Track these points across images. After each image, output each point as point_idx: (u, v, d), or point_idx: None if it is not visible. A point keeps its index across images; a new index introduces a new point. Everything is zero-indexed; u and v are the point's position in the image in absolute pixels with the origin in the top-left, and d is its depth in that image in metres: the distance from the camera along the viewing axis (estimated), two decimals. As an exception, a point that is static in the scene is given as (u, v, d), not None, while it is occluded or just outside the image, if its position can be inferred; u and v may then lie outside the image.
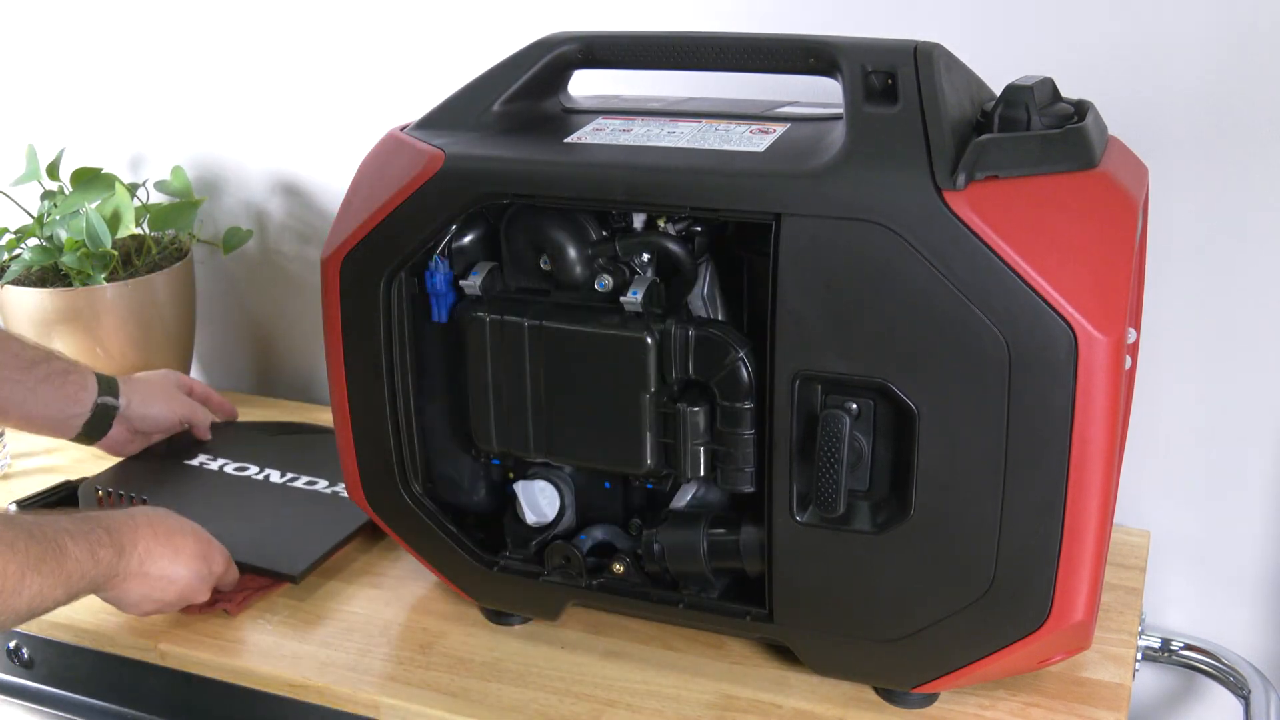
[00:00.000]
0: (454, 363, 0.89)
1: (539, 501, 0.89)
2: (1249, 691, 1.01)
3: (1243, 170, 1.00)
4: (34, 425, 1.09)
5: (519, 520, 0.90)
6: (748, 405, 0.80)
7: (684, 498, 0.89)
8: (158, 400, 1.16)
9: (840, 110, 0.78)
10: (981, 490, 0.74)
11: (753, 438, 0.81)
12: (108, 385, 1.12)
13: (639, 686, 0.89)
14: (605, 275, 0.83)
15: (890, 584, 0.79)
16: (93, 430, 1.11)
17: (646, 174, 0.79)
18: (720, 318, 0.86)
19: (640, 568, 0.88)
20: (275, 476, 1.15)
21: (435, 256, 0.87)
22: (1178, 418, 1.08)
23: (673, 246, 0.82)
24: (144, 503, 1.08)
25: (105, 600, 0.88)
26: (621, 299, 0.81)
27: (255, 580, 0.99)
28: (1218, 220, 1.02)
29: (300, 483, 1.14)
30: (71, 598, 0.80)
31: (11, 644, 1.03)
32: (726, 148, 0.80)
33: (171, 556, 0.88)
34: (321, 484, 1.13)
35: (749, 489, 0.82)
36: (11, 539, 0.74)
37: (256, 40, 1.32)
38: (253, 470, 1.16)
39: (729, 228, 0.83)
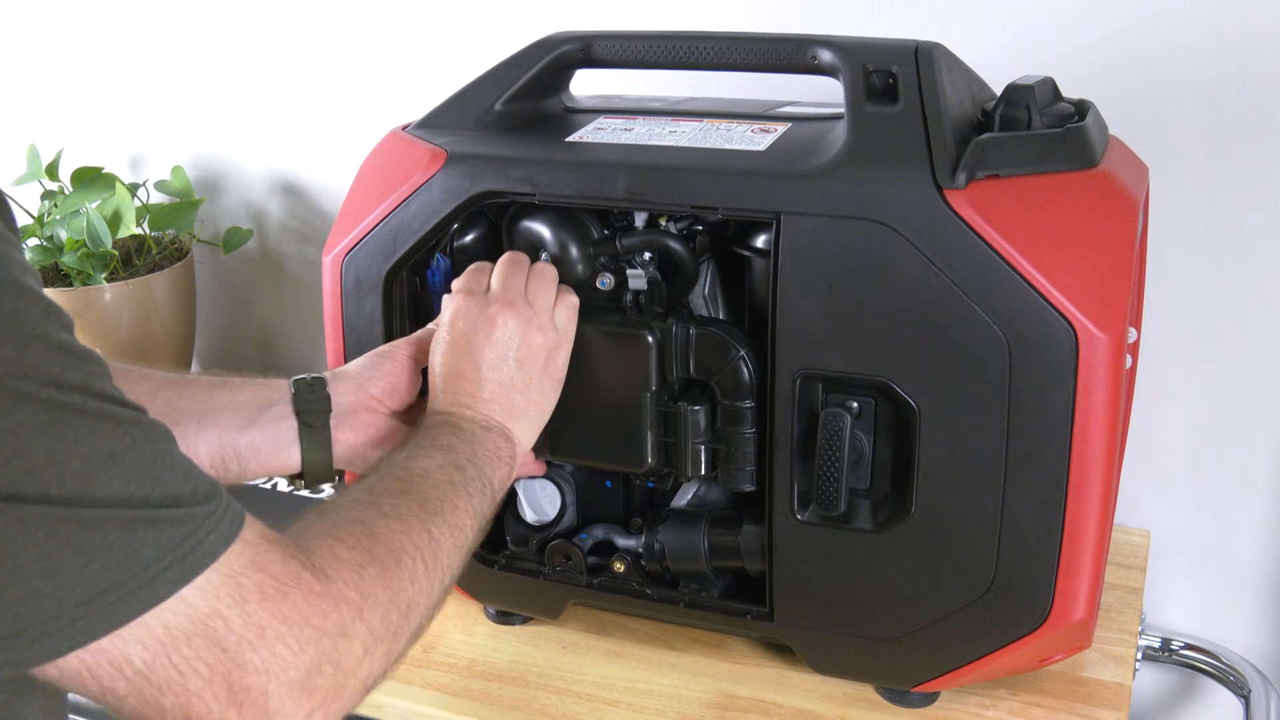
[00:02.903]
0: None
1: (540, 500, 0.89)
2: (1249, 691, 1.01)
3: (1243, 170, 1.00)
4: (227, 443, 0.77)
5: (520, 519, 0.90)
6: (748, 404, 0.80)
7: (685, 496, 0.90)
8: (374, 353, 0.84)
9: (841, 110, 0.78)
10: (982, 489, 0.74)
11: (754, 436, 0.81)
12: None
13: (640, 686, 0.89)
14: (607, 274, 0.83)
15: (891, 583, 0.79)
16: (309, 404, 0.78)
17: (648, 173, 0.79)
18: (721, 316, 0.86)
19: (641, 567, 0.88)
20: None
21: (437, 255, 0.87)
22: (1178, 418, 1.08)
23: (674, 245, 0.82)
24: None
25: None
26: (628, 272, 0.82)
27: None
28: (1218, 220, 1.02)
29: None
30: (493, 499, 0.73)
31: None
32: (728, 147, 0.80)
33: (470, 356, 0.77)
34: None
35: (750, 488, 0.82)
36: (401, 510, 0.65)
37: (256, 40, 1.32)
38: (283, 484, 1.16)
39: (730, 226, 0.83)
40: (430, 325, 0.84)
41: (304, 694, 0.53)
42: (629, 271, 0.82)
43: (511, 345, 0.77)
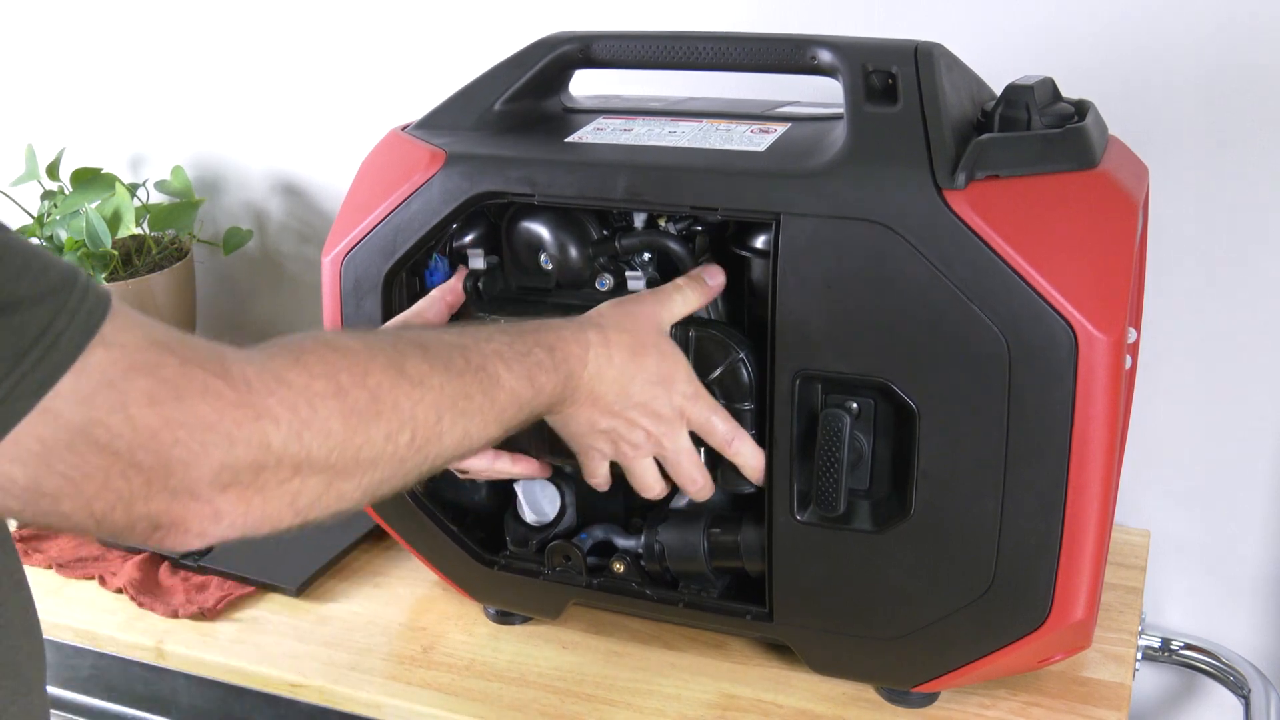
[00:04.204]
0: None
1: (540, 500, 0.89)
2: (1249, 691, 1.01)
3: (1243, 170, 1.00)
4: None
5: (519, 519, 0.90)
6: (747, 406, 0.80)
7: (684, 497, 0.89)
8: None
9: (841, 110, 0.78)
10: (982, 489, 0.74)
11: (753, 439, 0.81)
12: None
13: (639, 686, 0.89)
14: (606, 274, 0.83)
15: (890, 583, 0.79)
16: None
17: (647, 173, 0.79)
18: (721, 317, 0.86)
19: (640, 567, 0.88)
20: None
21: (436, 255, 0.87)
22: (1178, 418, 1.08)
23: (673, 246, 0.82)
24: None
25: (550, 422, 0.75)
26: (627, 273, 0.82)
27: (240, 586, 1.00)
28: (1218, 220, 1.02)
29: None
30: (508, 430, 0.68)
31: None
32: (727, 147, 0.80)
33: (626, 381, 0.74)
34: None
35: (749, 490, 0.82)
36: (424, 374, 0.60)
37: (256, 40, 1.32)
38: None
39: (730, 227, 0.83)
40: (420, 303, 0.83)
41: (216, 488, 0.51)
42: (628, 273, 0.82)
43: (660, 400, 0.75)
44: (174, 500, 0.50)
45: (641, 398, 0.75)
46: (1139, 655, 0.93)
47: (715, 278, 0.80)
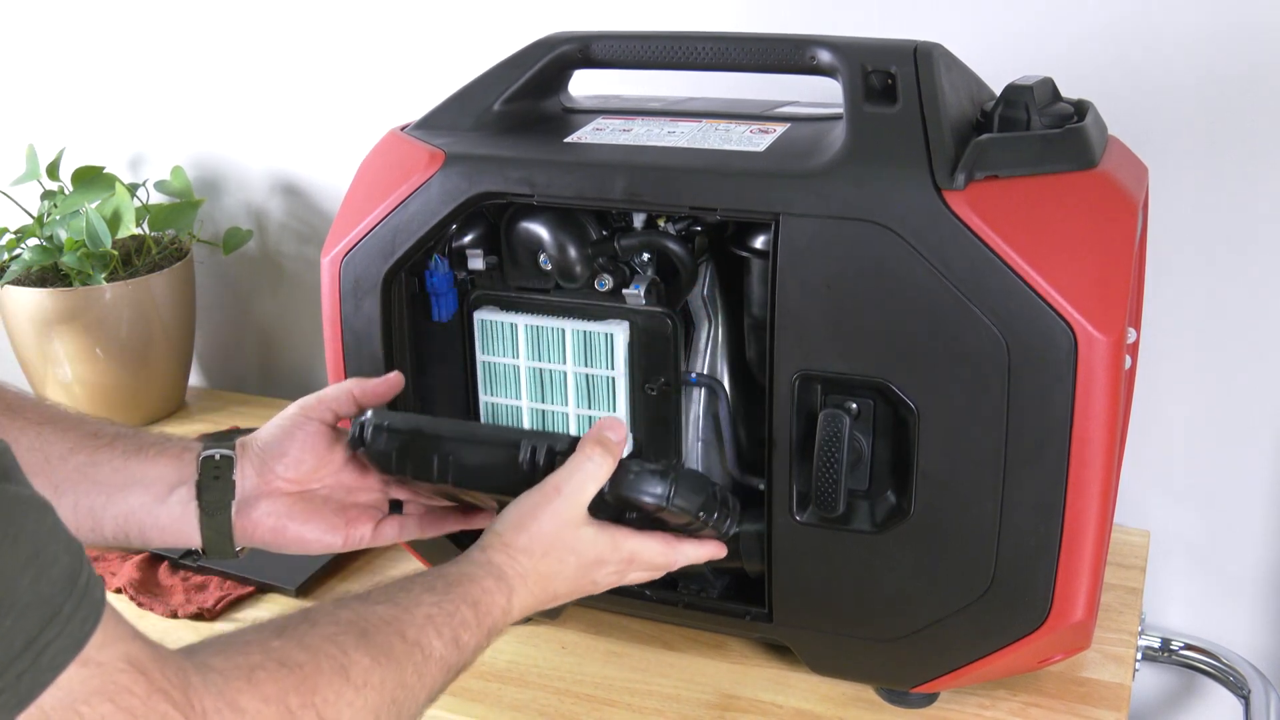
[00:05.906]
0: (453, 362, 0.89)
1: (539, 501, 0.89)
2: (1249, 691, 1.01)
3: (1243, 170, 1.00)
4: (134, 520, 0.75)
5: (519, 520, 0.90)
6: (701, 515, 0.75)
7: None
8: (280, 420, 0.80)
9: (840, 110, 0.78)
10: (981, 490, 0.74)
11: (734, 507, 0.77)
12: (215, 441, 0.79)
13: (639, 686, 0.89)
14: (605, 275, 0.83)
15: (890, 584, 0.79)
16: (211, 494, 0.75)
17: (646, 173, 0.79)
18: (720, 318, 0.86)
19: (640, 567, 0.88)
20: None
21: (435, 256, 0.87)
22: (1178, 418, 1.08)
23: (673, 246, 0.82)
24: None
25: None
26: (625, 291, 0.82)
27: (240, 586, 1.00)
28: (1218, 220, 1.02)
29: None
30: (436, 699, 0.67)
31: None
32: (726, 147, 0.80)
33: (550, 596, 0.74)
34: None
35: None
36: (367, 671, 0.59)
37: (256, 40, 1.32)
38: None
39: (729, 227, 0.83)
40: (330, 389, 0.80)
41: None
42: (625, 291, 0.81)
43: (595, 582, 0.76)
44: None
45: (574, 588, 0.75)
46: (1139, 655, 0.93)
47: (618, 433, 0.75)
